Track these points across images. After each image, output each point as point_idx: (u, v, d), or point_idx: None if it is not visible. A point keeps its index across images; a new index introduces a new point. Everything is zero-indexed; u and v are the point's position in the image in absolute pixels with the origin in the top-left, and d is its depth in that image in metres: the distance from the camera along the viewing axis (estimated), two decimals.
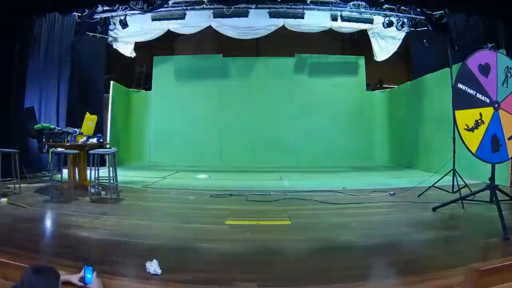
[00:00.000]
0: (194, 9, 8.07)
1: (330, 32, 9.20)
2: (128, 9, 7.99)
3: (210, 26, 8.48)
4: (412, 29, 8.47)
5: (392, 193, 4.80)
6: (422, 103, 7.78)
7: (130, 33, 8.68)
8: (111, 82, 8.57)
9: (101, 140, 5.34)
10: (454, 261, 2.29)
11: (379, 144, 9.88)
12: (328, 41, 10.93)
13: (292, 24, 8.42)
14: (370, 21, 8.36)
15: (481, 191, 3.64)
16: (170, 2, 7.91)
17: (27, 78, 6.90)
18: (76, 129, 5.28)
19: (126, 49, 9.09)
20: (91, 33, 8.40)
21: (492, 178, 3.37)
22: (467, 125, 3.27)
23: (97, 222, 3.40)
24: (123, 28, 8.33)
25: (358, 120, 9.83)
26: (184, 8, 8.01)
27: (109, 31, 8.60)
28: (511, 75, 3.46)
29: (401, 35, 8.68)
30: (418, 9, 7.90)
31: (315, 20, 8.39)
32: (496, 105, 3.38)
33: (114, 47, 9.08)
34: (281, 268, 2.37)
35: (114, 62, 9.92)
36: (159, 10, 7.91)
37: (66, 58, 7.60)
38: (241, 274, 2.23)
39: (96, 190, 4.74)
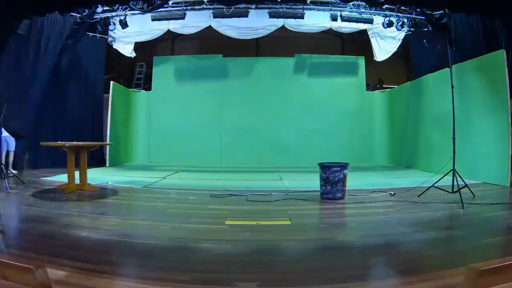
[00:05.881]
0: (194, 9, 8.09)
1: (330, 32, 9.22)
2: (128, 9, 8.01)
3: (210, 26, 8.50)
4: (412, 29, 8.48)
5: (392, 193, 4.80)
6: (422, 103, 7.78)
7: (130, 33, 8.69)
8: (111, 82, 8.57)
9: None
10: (454, 261, 2.29)
11: (379, 144, 9.88)
12: (328, 41, 10.96)
13: (292, 24, 8.43)
14: (370, 21, 8.37)
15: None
16: (170, 2, 7.92)
17: (27, 78, 6.90)
18: None
19: (126, 49, 9.10)
20: (91, 33, 8.40)
21: None
22: None
23: (97, 222, 3.39)
24: (123, 28, 8.34)
25: (358, 120, 9.84)
26: (184, 8, 8.02)
27: (109, 31, 8.61)
28: None
29: (401, 35, 8.69)
30: (418, 9, 7.89)
31: (315, 20, 8.40)
32: None
33: (114, 47, 9.09)
34: (281, 268, 2.37)
35: (114, 62, 9.93)
36: (159, 10, 7.93)
37: (66, 58, 7.60)
38: (241, 274, 2.22)
39: (94, 190, 4.74)
